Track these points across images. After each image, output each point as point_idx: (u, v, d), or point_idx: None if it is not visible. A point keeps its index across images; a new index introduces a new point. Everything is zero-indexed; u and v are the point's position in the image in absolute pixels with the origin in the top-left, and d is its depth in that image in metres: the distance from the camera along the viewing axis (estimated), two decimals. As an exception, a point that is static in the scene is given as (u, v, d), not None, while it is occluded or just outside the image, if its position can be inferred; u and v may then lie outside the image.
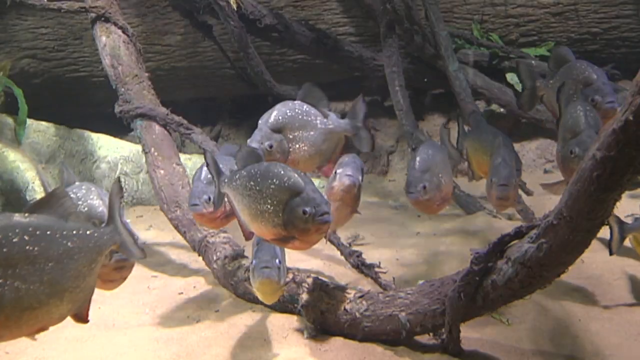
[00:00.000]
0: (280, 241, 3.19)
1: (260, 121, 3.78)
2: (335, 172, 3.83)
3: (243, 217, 3.29)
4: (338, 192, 3.82)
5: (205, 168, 3.84)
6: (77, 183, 3.47)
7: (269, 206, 3.09)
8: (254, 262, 3.44)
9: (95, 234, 2.65)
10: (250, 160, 3.31)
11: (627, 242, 4.93)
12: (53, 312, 2.50)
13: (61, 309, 2.53)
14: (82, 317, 2.70)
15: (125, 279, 3.28)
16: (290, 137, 3.76)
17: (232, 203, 3.39)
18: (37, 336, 2.97)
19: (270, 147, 3.67)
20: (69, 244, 2.52)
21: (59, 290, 2.47)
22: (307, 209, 3.03)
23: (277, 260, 3.38)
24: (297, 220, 3.04)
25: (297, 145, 3.77)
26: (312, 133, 3.84)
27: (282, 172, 3.13)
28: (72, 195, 3.28)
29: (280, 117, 3.76)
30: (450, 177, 4.21)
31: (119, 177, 2.88)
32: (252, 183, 3.18)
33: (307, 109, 3.88)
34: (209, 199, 3.75)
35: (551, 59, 4.49)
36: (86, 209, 3.24)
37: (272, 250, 3.42)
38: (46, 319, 2.50)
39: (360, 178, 3.89)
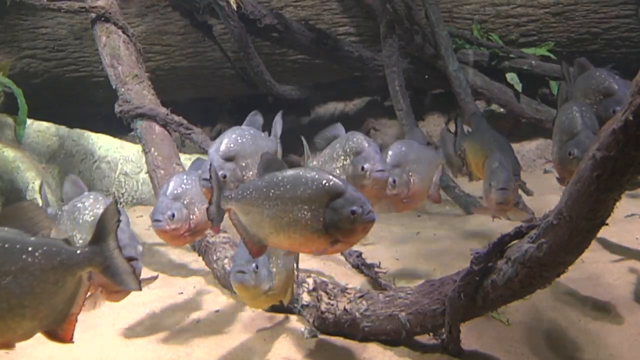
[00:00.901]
0: (318, 247, 3.05)
1: (210, 150, 3.71)
2: (362, 167, 3.58)
3: (260, 231, 3.08)
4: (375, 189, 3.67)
5: (172, 182, 3.83)
6: (86, 193, 3.41)
7: (305, 212, 2.97)
8: (231, 266, 3.39)
9: (64, 252, 2.50)
10: (273, 169, 3.16)
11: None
12: (14, 328, 2.42)
13: (24, 325, 2.44)
14: (58, 336, 2.59)
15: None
16: (243, 164, 3.68)
17: (238, 219, 3.16)
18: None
19: (224, 177, 3.59)
20: (28, 259, 2.41)
21: (16, 306, 2.38)
22: (355, 209, 2.96)
23: (254, 265, 3.22)
24: (343, 221, 2.94)
25: (250, 173, 3.69)
26: None
27: (317, 175, 3.04)
28: (78, 205, 3.27)
29: (231, 145, 3.68)
30: (425, 177, 4.13)
31: (115, 200, 2.78)
32: (278, 192, 3.03)
33: (255, 132, 3.85)
34: (173, 215, 3.70)
35: (570, 70, 4.43)
36: (92, 218, 3.20)
37: (248, 255, 3.25)
38: (7, 334, 2.42)
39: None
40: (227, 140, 3.70)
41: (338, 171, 3.63)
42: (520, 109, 6.97)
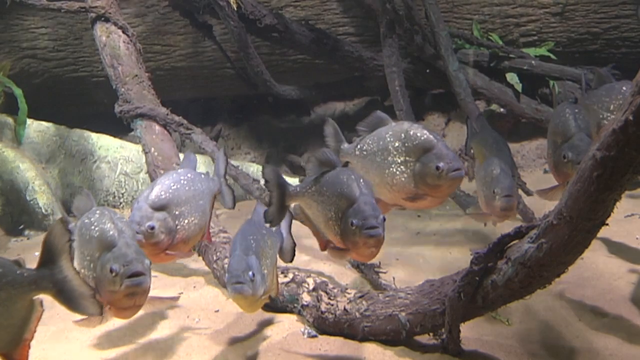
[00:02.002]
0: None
1: (139, 198, 3.48)
2: (437, 166, 3.46)
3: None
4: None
5: (157, 184, 3.54)
6: (94, 208, 3.32)
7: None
8: (226, 276, 3.29)
9: (9, 275, 2.42)
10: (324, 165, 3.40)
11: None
12: None
13: None
14: (11, 357, 2.51)
15: (140, 306, 3.09)
16: (177, 212, 3.45)
17: (309, 212, 3.37)
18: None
19: (152, 228, 3.36)
20: None
21: None
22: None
23: (250, 273, 3.20)
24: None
25: (186, 221, 3.51)
26: (201, 202, 3.63)
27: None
28: (85, 220, 3.22)
29: (163, 194, 3.46)
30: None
31: (62, 218, 2.70)
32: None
33: (192, 176, 3.63)
34: (153, 227, 3.39)
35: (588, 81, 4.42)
36: (97, 233, 3.11)
37: (244, 263, 3.25)
38: None
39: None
40: (158, 189, 3.47)
41: (396, 168, 3.54)
42: (520, 109, 6.97)
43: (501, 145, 4.25)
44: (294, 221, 3.70)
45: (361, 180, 3.21)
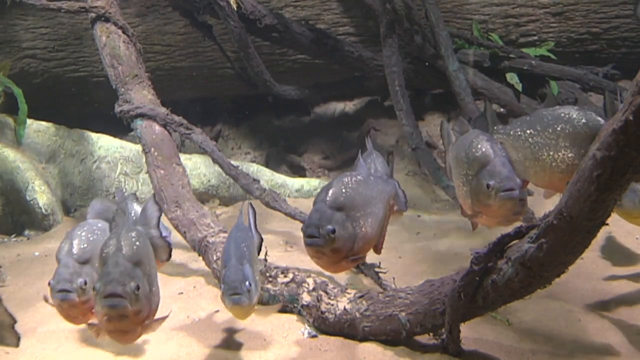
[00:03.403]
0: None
1: (61, 253, 3.26)
2: (487, 184, 3.29)
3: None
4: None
5: (76, 236, 3.30)
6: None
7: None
8: (222, 287, 3.29)
9: None
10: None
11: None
12: None
13: None
14: None
15: (131, 329, 2.96)
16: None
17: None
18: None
19: (85, 284, 3.18)
20: None
21: None
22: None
23: (247, 283, 3.22)
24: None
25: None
26: None
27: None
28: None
29: (84, 245, 3.26)
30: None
31: None
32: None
33: (102, 225, 3.40)
34: (85, 283, 3.19)
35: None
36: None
37: (241, 274, 3.27)
38: None
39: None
40: (79, 241, 3.26)
41: (460, 180, 3.48)
42: (520, 109, 6.96)
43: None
44: (292, 222, 3.71)
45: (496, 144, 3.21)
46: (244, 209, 3.71)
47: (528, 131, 3.48)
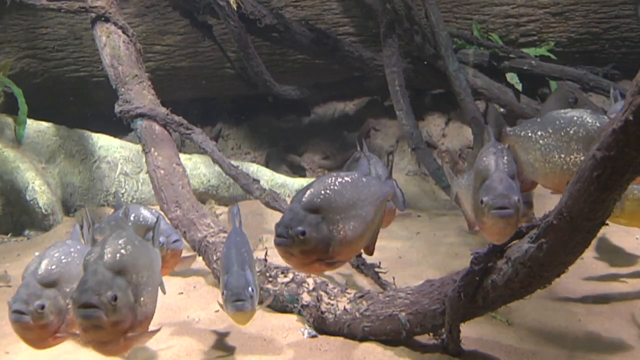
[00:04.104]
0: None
1: (26, 272, 3.09)
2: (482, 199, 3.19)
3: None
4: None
5: (45, 257, 3.12)
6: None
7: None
8: (225, 292, 3.28)
9: None
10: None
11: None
12: None
13: None
14: None
15: (109, 340, 2.82)
16: (68, 290, 3.03)
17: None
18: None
19: (42, 307, 2.97)
20: None
21: None
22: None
23: (249, 289, 3.23)
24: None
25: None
26: None
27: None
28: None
29: (52, 267, 3.07)
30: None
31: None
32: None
33: (81, 247, 3.26)
34: (43, 307, 2.98)
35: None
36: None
37: (243, 279, 3.28)
38: None
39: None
40: (48, 261, 3.07)
41: (471, 192, 3.44)
42: (520, 109, 6.96)
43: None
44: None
45: (505, 158, 3.13)
46: (230, 214, 3.68)
47: (539, 133, 3.45)
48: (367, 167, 3.51)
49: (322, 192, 3.04)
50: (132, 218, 3.89)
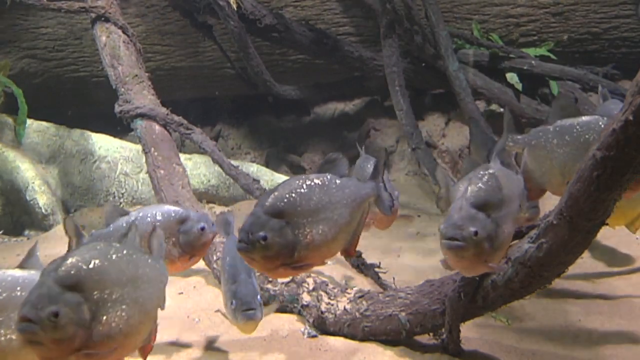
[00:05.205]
0: None
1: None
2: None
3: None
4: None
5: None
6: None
7: None
8: (234, 302, 3.26)
9: None
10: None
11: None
12: None
13: None
14: None
15: (56, 357, 2.55)
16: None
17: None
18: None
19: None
20: None
21: None
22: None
23: (258, 297, 3.24)
24: None
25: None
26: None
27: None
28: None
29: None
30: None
31: None
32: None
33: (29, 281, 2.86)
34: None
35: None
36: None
37: (252, 288, 3.27)
38: None
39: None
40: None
41: None
42: (520, 109, 6.96)
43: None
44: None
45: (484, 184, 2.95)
46: (221, 222, 3.65)
47: (554, 141, 3.39)
48: (364, 169, 3.49)
49: (287, 195, 2.92)
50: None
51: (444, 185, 3.45)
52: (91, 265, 2.58)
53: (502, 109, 7.40)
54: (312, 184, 2.99)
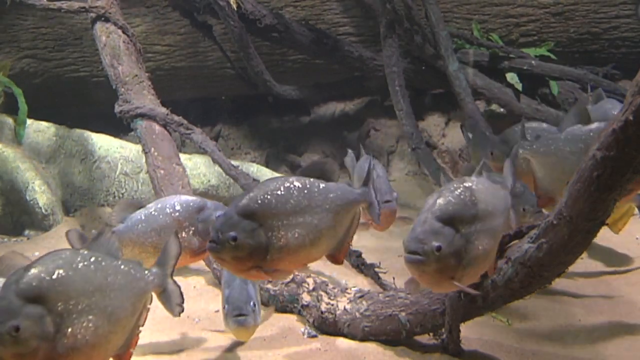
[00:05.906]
0: None
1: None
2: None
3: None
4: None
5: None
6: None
7: None
8: (226, 307, 3.26)
9: None
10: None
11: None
12: None
13: None
14: None
15: None
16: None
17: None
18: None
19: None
20: None
21: None
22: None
23: (251, 303, 3.20)
24: None
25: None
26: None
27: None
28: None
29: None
30: None
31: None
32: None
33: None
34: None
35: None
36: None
37: (245, 293, 3.24)
38: None
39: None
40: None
41: None
42: (520, 109, 6.96)
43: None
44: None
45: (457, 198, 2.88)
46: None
47: (567, 149, 3.36)
48: (365, 169, 3.46)
49: (261, 196, 2.86)
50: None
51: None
52: (54, 276, 2.46)
53: (502, 109, 7.41)
54: (291, 186, 2.91)
